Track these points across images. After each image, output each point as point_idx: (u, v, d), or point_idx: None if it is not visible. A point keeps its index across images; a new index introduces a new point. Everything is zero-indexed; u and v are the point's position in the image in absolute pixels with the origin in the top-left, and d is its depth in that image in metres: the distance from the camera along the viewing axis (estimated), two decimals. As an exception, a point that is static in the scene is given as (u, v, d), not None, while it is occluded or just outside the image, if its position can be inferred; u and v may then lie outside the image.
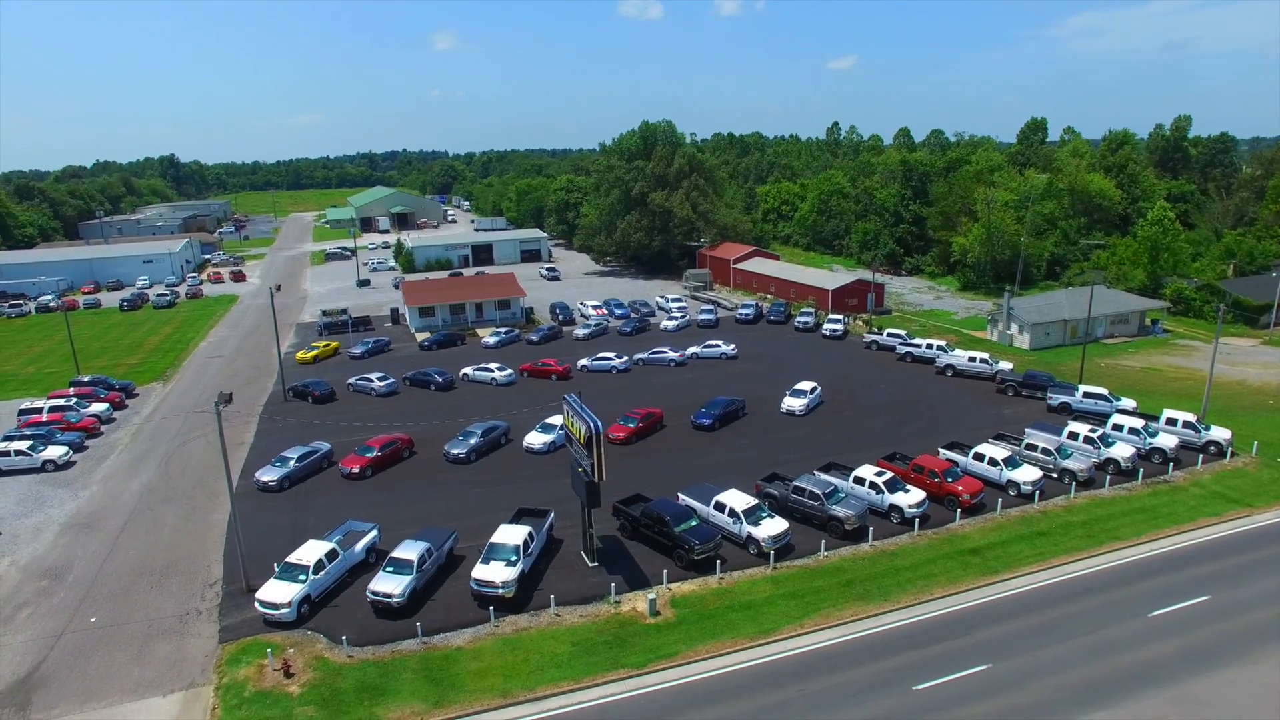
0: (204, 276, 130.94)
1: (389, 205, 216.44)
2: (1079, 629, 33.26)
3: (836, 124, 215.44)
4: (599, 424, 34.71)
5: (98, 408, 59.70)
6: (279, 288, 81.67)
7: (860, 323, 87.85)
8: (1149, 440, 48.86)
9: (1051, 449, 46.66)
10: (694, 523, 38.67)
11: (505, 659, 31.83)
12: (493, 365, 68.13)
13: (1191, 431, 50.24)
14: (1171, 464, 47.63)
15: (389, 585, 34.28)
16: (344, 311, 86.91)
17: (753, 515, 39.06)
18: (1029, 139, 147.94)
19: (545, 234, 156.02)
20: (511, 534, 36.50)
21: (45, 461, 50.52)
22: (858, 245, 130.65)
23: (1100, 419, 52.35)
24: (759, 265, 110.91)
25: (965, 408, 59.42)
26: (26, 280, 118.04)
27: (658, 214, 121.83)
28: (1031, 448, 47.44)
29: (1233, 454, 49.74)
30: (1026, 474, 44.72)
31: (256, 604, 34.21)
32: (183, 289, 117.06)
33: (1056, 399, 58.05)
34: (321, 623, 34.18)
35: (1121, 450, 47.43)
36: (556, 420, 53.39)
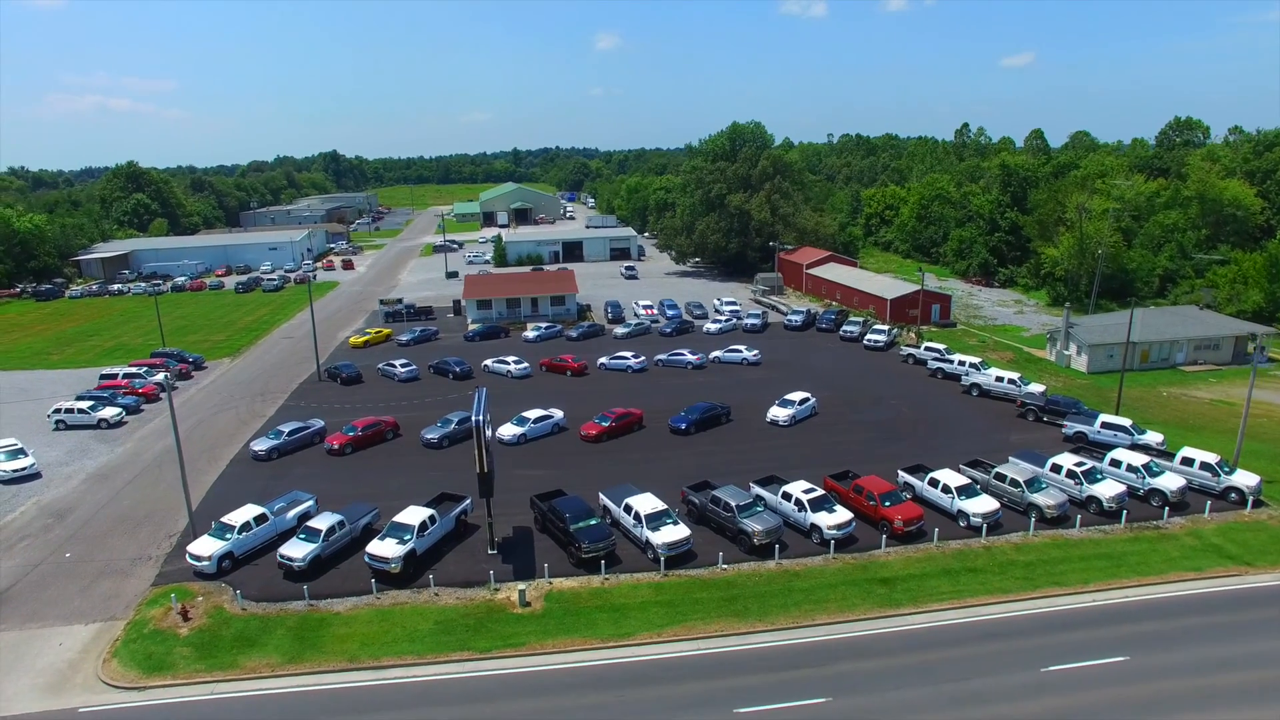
0: (318, 264, 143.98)
1: (510, 201, 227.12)
2: (953, 675, 30.86)
3: (966, 125, 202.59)
4: (481, 419, 36.17)
5: (162, 376, 67.98)
6: (314, 276, 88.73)
7: (912, 335, 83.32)
8: (1148, 480, 43.73)
9: (1021, 481, 42.87)
10: (592, 522, 39.17)
11: (371, 628, 34.03)
12: (509, 358, 70.99)
13: (1208, 474, 44.36)
14: (1167, 509, 42.46)
15: (294, 551, 37.46)
16: (399, 301, 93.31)
17: (655, 520, 38.99)
18: (1168, 141, 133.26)
19: (636, 232, 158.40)
20: (413, 515, 38.69)
21: (100, 420, 58.56)
22: (952, 253, 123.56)
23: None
24: (830, 271, 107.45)
25: (974, 430, 55.39)
26: (173, 263, 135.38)
27: (736, 216, 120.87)
28: (1000, 478, 43.81)
29: (1257, 503, 43.55)
30: (979, 505, 41.44)
31: (187, 556, 38.50)
32: (295, 275, 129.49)
33: (1073, 427, 52.94)
34: (238, 578, 37.91)
35: (1106, 488, 42.79)
36: (531, 413, 55.23)
